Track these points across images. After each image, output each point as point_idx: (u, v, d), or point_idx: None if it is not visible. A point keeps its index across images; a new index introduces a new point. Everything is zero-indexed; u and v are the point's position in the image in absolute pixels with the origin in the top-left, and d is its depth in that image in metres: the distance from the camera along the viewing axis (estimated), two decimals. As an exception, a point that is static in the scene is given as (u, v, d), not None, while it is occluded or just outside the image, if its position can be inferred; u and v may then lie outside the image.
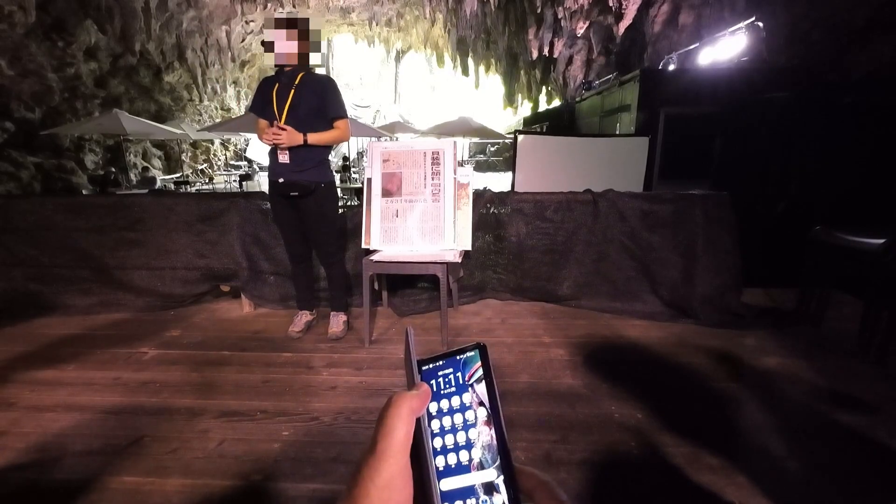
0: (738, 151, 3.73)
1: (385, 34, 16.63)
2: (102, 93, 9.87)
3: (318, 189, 2.38)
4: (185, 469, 1.47)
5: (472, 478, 0.27)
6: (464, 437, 0.29)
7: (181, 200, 2.99)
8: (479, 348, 0.31)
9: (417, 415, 0.27)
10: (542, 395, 1.94)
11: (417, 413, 0.27)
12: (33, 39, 7.83)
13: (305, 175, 2.34)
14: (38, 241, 2.89)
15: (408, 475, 0.25)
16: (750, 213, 3.18)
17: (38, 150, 8.30)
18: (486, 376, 0.30)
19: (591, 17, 9.49)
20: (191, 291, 3.05)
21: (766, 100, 3.63)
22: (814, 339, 2.49)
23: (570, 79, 11.23)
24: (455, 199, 2.57)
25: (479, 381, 0.30)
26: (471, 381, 0.30)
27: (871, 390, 1.94)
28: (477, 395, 0.29)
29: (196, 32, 11.50)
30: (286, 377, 2.09)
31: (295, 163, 2.31)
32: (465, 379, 0.30)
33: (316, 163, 2.36)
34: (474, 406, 0.29)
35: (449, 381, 0.31)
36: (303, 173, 2.33)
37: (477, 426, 0.29)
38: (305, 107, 2.26)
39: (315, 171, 2.36)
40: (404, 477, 0.25)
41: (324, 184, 2.40)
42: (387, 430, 0.25)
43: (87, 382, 2.05)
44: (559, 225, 3.00)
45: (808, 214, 3.12)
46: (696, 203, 2.85)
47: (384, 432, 0.25)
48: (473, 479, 0.27)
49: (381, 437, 0.25)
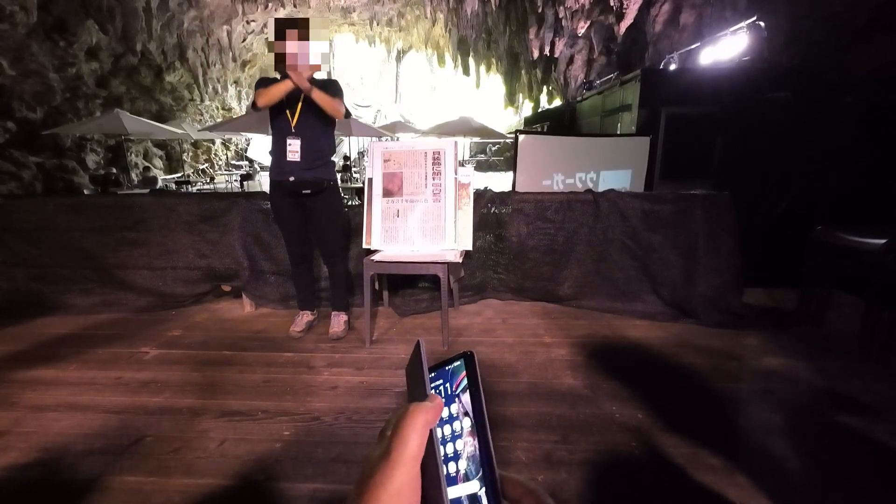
0: (739, 151, 3.72)
1: (386, 34, 16.63)
2: (104, 93, 9.88)
3: (328, 187, 2.42)
4: (186, 469, 1.48)
5: (458, 490, 0.27)
6: (451, 449, 0.29)
7: (182, 200, 2.99)
8: (465, 357, 0.30)
9: (431, 426, 0.27)
10: (543, 395, 1.94)
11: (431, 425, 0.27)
12: (35, 39, 7.83)
13: (315, 173, 2.36)
14: (39, 240, 2.89)
15: (417, 485, 0.26)
16: (751, 212, 3.18)
17: (39, 150, 8.31)
18: (471, 386, 0.30)
19: (592, 17, 9.48)
20: (192, 291, 3.05)
21: (767, 99, 3.63)
22: (815, 339, 2.49)
23: (570, 78, 11.22)
24: (456, 199, 2.57)
25: (464, 391, 0.30)
26: (457, 390, 0.30)
27: (871, 390, 1.94)
28: (462, 404, 0.29)
29: (197, 32, 11.51)
30: (287, 377, 2.10)
31: (305, 161, 2.33)
32: (453, 389, 0.30)
33: (325, 161, 2.40)
34: (460, 416, 0.29)
35: (439, 391, 0.31)
36: (312, 171, 2.35)
37: (462, 437, 0.29)
38: (316, 107, 2.28)
39: (324, 168, 2.40)
40: (413, 486, 0.26)
41: (332, 182, 2.45)
42: (402, 440, 0.26)
43: (89, 382, 2.06)
44: (560, 225, 3.00)
45: (809, 214, 3.11)
46: (696, 203, 2.85)
47: (399, 441, 0.26)
48: (459, 491, 0.27)
49: (395, 446, 0.26)
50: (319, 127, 2.35)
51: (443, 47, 16.18)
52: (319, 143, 2.37)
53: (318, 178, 2.37)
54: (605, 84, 6.86)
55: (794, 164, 3.43)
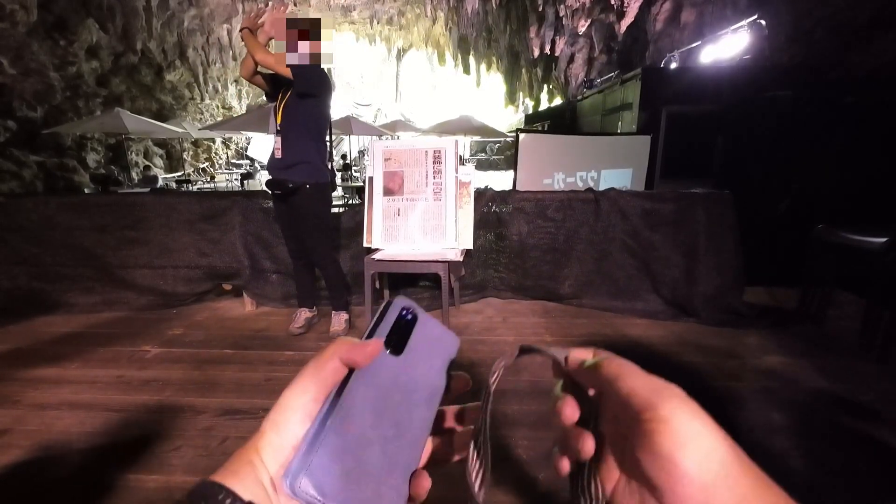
0: (740, 150, 3.72)
1: (386, 32, 16.62)
2: (104, 91, 9.88)
3: (302, 189, 2.34)
4: (188, 467, 1.48)
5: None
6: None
7: (183, 199, 3.00)
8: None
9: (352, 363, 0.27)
10: (544, 393, 1.94)
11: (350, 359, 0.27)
12: (35, 38, 7.84)
13: (291, 173, 2.33)
14: (40, 239, 2.90)
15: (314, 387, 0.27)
16: (752, 211, 3.17)
17: (40, 149, 8.32)
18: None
19: (592, 15, 9.46)
20: (193, 290, 3.05)
21: (768, 98, 3.62)
22: (816, 337, 2.49)
23: (571, 77, 11.20)
24: (456, 198, 2.57)
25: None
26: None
27: (872, 389, 1.94)
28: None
29: (197, 31, 11.50)
30: (288, 375, 2.07)
31: (284, 160, 2.31)
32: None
33: (306, 161, 2.34)
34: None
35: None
36: (289, 171, 2.32)
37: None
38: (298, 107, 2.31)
39: (303, 169, 2.34)
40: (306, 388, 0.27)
41: (310, 185, 2.36)
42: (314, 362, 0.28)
43: (90, 381, 2.06)
44: (560, 224, 3.00)
45: (810, 213, 3.11)
46: (697, 202, 2.85)
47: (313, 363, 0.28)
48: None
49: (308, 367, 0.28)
50: (302, 128, 2.31)
51: (443, 46, 16.17)
52: (301, 144, 2.32)
53: (292, 179, 2.31)
54: (606, 83, 6.85)
55: (795, 163, 3.42)
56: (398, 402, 0.28)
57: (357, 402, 0.26)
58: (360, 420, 0.26)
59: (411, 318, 0.31)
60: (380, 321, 0.30)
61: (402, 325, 0.30)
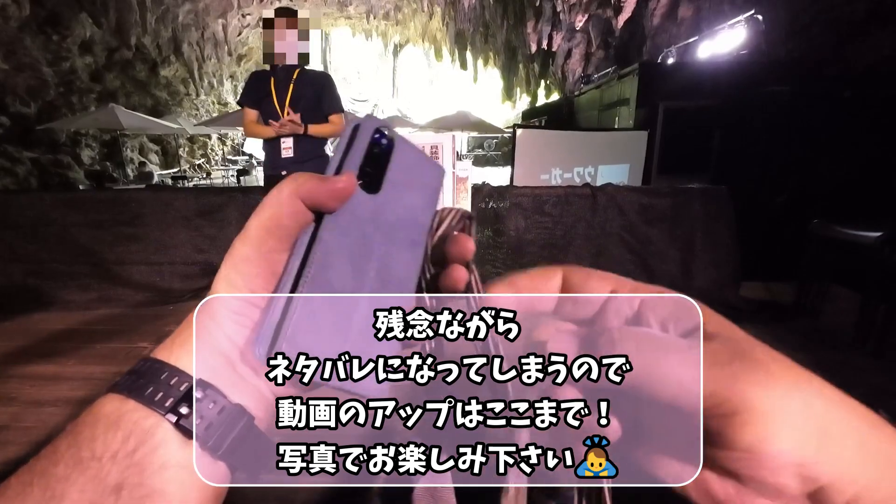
0: (737, 145, 3.73)
1: (383, 27, 16.55)
2: (98, 87, 9.80)
3: None
4: (186, 463, 1.48)
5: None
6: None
7: (179, 195, 2.99)
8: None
9: (317, 207, 0.23)
10: (542, 388, 1.94)
11: (316, 205, 0.22)
12: (28, 33, 7.76)
13: (306, 168, 2.35)
14: (36, 236, 2.88)
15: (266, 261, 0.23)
16: (749, 206, 3.19)
17: (34, 145, 8.25)
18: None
19: (590, 11, 9.44)
20: (190, 286, 3.04)
21: (765, 93, 3.63)
22: (812, 332, 2.51)
23: (568, 72, 11.19)
24: (454, 194, 2.57)
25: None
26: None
27: (868, 383, 1.96)
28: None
29: (192, 26, 11.42)
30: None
31: (298, 156, 2.33)
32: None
33: (318, 154, 2.40)
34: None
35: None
36: (304, 165, 2.35)
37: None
38: (305, 102, 2.28)
39: (316, 163, 2.38)
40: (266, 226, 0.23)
41: None
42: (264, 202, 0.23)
43: (87, 377, 2.05)
44: (558, 219, 3.00)
45: (806, 208, 3.13)
46: (694, 197, 2.86)
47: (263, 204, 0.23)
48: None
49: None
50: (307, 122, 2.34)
51: (440, 41, 16.10)
52: (316, 140, 2.38)
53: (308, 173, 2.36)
54: (603, 78, 6.85)
55: (792, 158, 3.44)
56: (379, 248, 0.24)
57: (332, 253, 0.22)
58: (337, 273, 0.22)
59: (387, 143, 0.25)
60: (348, 149, 0.24)
61: (375, 153, 0.25)
